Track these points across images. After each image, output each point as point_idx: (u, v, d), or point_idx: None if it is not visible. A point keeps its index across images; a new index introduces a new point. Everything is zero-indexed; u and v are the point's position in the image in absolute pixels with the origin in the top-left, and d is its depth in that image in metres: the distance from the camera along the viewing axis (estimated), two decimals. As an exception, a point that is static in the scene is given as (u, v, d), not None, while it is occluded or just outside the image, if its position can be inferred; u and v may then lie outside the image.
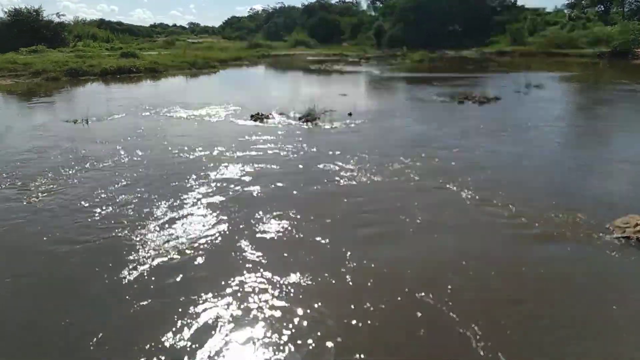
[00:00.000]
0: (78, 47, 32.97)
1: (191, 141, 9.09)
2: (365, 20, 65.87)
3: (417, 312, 3.59)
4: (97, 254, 4.49)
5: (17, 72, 20.76)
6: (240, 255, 4.47)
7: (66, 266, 4.30)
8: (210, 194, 6.13)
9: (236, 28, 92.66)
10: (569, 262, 4.40)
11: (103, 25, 57.36)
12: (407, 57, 35.51)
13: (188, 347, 3.21)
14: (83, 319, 3.53)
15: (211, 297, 3.79)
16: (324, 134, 9.75)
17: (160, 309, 3.62)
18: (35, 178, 6.75)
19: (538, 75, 21.35)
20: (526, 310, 3.67)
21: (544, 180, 6.73)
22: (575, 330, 3.44)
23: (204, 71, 26.20)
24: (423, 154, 8.03)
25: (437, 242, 4.82)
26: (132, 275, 4.10)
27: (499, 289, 3.96)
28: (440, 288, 3.92)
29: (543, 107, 13.14)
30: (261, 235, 4.92)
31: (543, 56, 35.29)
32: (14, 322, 3.55)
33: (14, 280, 4.10)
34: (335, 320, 3.51)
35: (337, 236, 4.88)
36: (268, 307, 3.67)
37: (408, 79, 22.57)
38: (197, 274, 4.14)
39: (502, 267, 4.30)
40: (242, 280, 4.04)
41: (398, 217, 5.39)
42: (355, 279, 4.08)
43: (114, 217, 5.36)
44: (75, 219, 5.33)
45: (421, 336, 3.34)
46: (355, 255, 4.47)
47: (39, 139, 9.26)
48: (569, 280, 4.12)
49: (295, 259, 4.40)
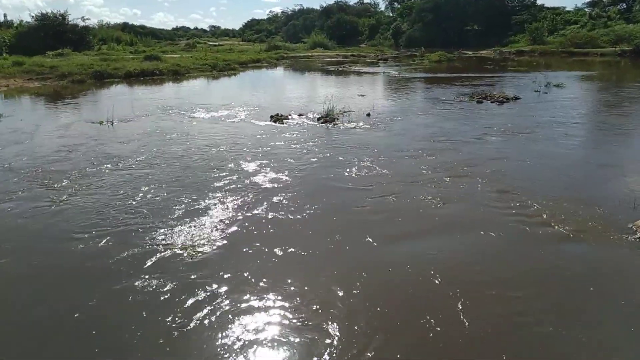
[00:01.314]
0: (103, 50, 33.71)
1: (212, 142, 9.35)
2: (383, 21, 65.96)
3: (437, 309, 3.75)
4: (119, 249, 4.74)
5: (44, 75, 21.35)
6: (262, 251, 4.68)
7: (89, 260, 4.51)
8: (231, 193, 6.34)
9: (255, 31, 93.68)
10: (590, 262, 4.39)
11: (126, 28, 58.43)
12: (425, 58, 35.45)
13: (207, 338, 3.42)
14: (94, 312, 3.78)
15: (233, 294, 3.98)
16: (343, 135, 9.91)
17: (181, 301, 3.86)
18: (61, 177, 7.05)
19: (558, 75, 21.19)
20: (549, 311, 3.72)
21: (566, 179, 6.78)
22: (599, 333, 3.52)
23: (225, 73, 26.61)
24: (442, 153, 8.16)
25: (460, 239, 4.95)
26: (153, 271, 4.33)
27: (517, 288, 4.03)
28: (456, 285, 4.06)
29: (563, 106, 13.09)
30: (283, 231, 5.13)
31: (563, 55, 34.87)
32: (39, 313, 3.81)
33: (36, 274, 4.37)
34: (360, 313, 3.69)
35: (358, 234, 5.06)
36: (287, 296, 3.87)
37: (426, 79, 22.59)
38: (219, 271, 4.31)
39: (520, 266, 4.35)
40: (263, 273, 4.25)
41: (416, 214, 5.55)
42: (377, 276, 4.26)
43: (136, 215, 5.59)
44: (99, 216, 5.59)
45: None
46: (376, 252, 4.65)
47: (65, 139, 9.62)
48: (590, 280, 4.11)
49: (318, 255, 4.59)
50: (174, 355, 3.20)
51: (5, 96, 16.82)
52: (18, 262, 4.50)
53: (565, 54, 35.56)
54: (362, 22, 68.03)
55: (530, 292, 3.92)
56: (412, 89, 19.36)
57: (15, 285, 4.14)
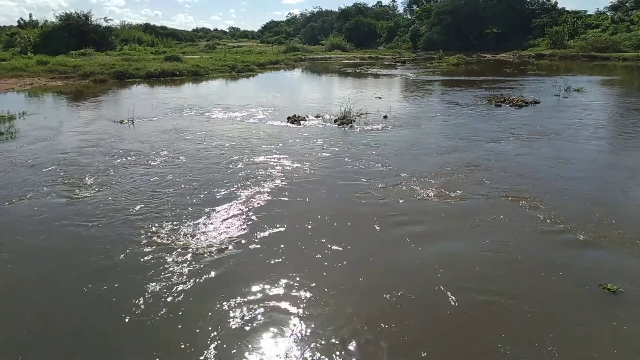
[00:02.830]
0: (124, 51, 34.32)
1: (231, 142, 9.50)
2: (402, 24, 65.91)
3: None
4: (142, 241, 4.88)
5: (67, 74, 21.85)
6: (279, 247, 4.78)
7: (105, 255, 4.66)
8: (247, 192, 6.45)
9: (274, 32, 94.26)
10: (610, 271, 4.33)
11: (148, 29, 59.26)
12: (443, 61, 35.29)
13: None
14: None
15: (249, 291, 4.09)
16: (360, 137, 9.96)
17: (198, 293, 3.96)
18: (82, 173, 7.26)
19: (578, 79, 20.94)
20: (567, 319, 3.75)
21: (585, 185, 6.74)
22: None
23: (243, 74, 26.86)
24: (459, 156, 8.18)
25: (477, 241, 4.99)
26: (168, 267, 4.46)
27: (530, 294, 4.07)
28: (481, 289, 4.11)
29: (584, 111, 12.95)
30: (301, 230, 5.22)
31: (583, 60, 34.40)
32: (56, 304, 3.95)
33: (55, 270, 4.53)
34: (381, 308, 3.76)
35: (378, 233, 5.13)
36: (307, 288, 3.96)
37: (444, 82, 22.51)
38: (236, 268, 4.43)
39: (538, 272, 4.34)
40: (278, 268, 4.35)
41: (432, 216, 5.60)
42: (396, 272, 4.32)
43: (153, 212, 5.74)
44: (118, 212, 5.75)
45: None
46: (396, 251, 4.71)
47: (87, 137, 9.86)
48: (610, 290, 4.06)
49: (340, 252, 4.68)
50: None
51: (30, 94, 17.25)
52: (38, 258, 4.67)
53: (586, 58, 35.09)
54: (380, 24, 68.05)
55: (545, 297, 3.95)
56: (429, 91, 19.32)
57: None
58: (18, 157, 8.21)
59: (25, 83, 19.54)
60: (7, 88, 18.11)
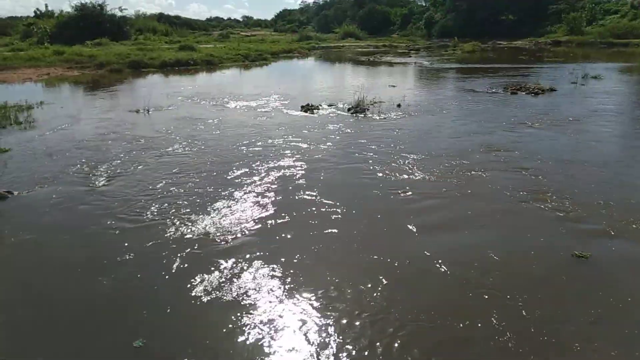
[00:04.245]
0: (139, 40, 34.52)
1: (245, 130, 9.57)
2: (416, 11, 65.08)
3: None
4: (158, 229, 4.98)
5: (83, 64, 22.08)
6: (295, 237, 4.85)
7: (118, 244, 4.76)
8: (263, 182, 6.50)
9: (287, 21, 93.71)
10: (627, 262, 4.28)
11: (162, 19, 59.37)
12: (458, 48, 34.87)
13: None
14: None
15: (260, 280, 4.16)
16: (373, 125, 9.95)
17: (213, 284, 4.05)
18: (98, 163, 7.37)
19: (596, 66, 20.55)
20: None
21: (601, 174, 6.62)
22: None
23: (257, 63, 26.88)
24: (475, 144, 8.13)
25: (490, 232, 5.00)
26: (180, 256, 4.55)
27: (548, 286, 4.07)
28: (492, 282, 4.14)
29: (601, 99, 12.73)
30: (315, 220, 5.27)
31: (601, 46, 33.69)
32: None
33: (72, 258, 4.65)
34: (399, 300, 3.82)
35: (393, 224, 5.17)
36: (324, 283, 4.02)
37: (459, 70, 22.28)
38: (249, 255, 4.48)
39: (556, 265, 4.29)
40: (294, 255, 4.41)
41: (449, 206, 5.61)
42: (410, 266, 4.36)
43: (168, 201, 5.82)
44: (132, 200, 5.85)
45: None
46: (411, 242, 4.75)
47: (103, 126, 9.99)
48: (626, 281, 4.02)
49: (355, 244, 4.73)
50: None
51: (47, 84, 17.51)
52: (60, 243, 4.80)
53: (604, 44, 34.32)
54: (394, 12, 67.22)
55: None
56: (443, 79, 19.15)
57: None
58: (37, 146, 8.37)
59: (42, 73, 19.82)
60: (25, 78, 18.39)
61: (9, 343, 3.34)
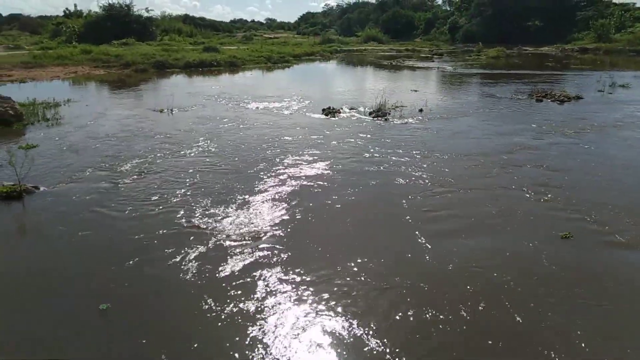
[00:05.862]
0: (164, 41, 35.01)
1: (267, 132, 9.62)
2: (440, 16, 64.57)
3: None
4: (178, 225, 5.04)
5: (110, 63, 22.52)
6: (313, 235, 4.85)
7: (141, 240, 4.84)
8: (283, 183, 6.53)
9: (310, 24, 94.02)
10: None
11: (187, 20, 60.10)
12: (482, 53, 34.48)
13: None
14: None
15: (283, 275, 4.18)
16: (395, 130, 9.89)
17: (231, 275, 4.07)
18: (123, 161, 7.49)
19: (624, 74, 20.10)
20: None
21: (629, 183, 6.50)
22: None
23: (279, 65, 27.04)
24: (496, 151, 8.03)
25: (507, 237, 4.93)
26: (202, 256, 4.58)
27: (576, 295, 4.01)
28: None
29: (629, 108, 12.43)
30: (335, 219, 5.27)
31: (630, 54, 32.92)
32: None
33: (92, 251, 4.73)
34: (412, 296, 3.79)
35: (411, 225, 5.14)
36: (342, 277, 4.02)
37: (482, 75, 21.99)
38: (270, 253, 4.52)
39: (578, 272, 4.26)
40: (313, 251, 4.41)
41: (468, 211, 5.55)
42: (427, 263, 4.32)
43: (190, 198, 5.90)
44: (157, 199, 5.93)
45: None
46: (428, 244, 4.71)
47: (128, 125, 10.17)
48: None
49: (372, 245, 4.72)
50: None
51: (74, 82, 17.89)
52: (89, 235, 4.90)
53: (634, 52, 33.52)
54: (418, 16, 66.85)
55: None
56: (467, 85, 18.94)
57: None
58: (63, 143, 8.55)
59: (70, 71, 20.26)
60: (53, 76, 18.82)
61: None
